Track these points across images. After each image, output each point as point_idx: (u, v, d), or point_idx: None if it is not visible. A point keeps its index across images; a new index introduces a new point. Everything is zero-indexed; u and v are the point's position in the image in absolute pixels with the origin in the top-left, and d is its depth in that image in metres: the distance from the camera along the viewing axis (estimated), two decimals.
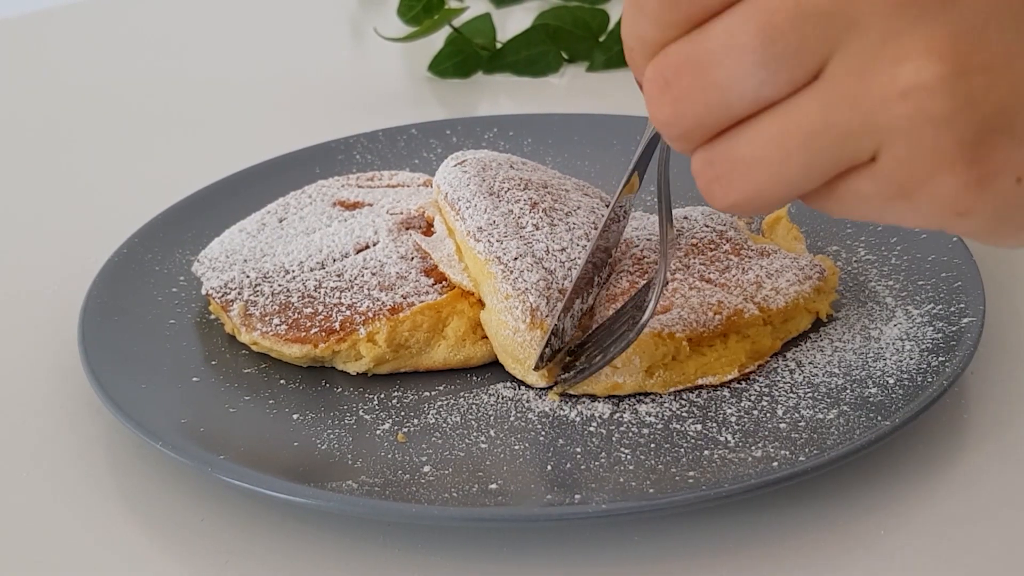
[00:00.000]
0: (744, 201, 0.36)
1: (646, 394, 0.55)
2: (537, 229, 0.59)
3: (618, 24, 1.03)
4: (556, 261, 0.57)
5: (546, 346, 0.55)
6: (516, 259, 0.57)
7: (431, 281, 0.60)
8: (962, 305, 0.58)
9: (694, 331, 0.55)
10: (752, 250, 0.61)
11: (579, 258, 0.58)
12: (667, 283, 0.56)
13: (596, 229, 0.59)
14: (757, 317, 0.57)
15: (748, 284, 0.58)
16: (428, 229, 0.64)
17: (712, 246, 0.61)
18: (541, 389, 0.56)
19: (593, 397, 0.55)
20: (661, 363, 0.55)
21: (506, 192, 0.60)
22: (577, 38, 1.03)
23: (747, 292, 0.58)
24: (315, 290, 0.60)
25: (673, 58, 0.35)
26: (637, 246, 0.61)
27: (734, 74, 0.34)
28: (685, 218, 0.64)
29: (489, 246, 0.58)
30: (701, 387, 0.55)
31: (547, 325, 0.55)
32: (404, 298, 0.59)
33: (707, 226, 0.63)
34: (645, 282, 0.56)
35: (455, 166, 0.64)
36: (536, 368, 0.55)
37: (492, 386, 0.57)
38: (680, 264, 0.59)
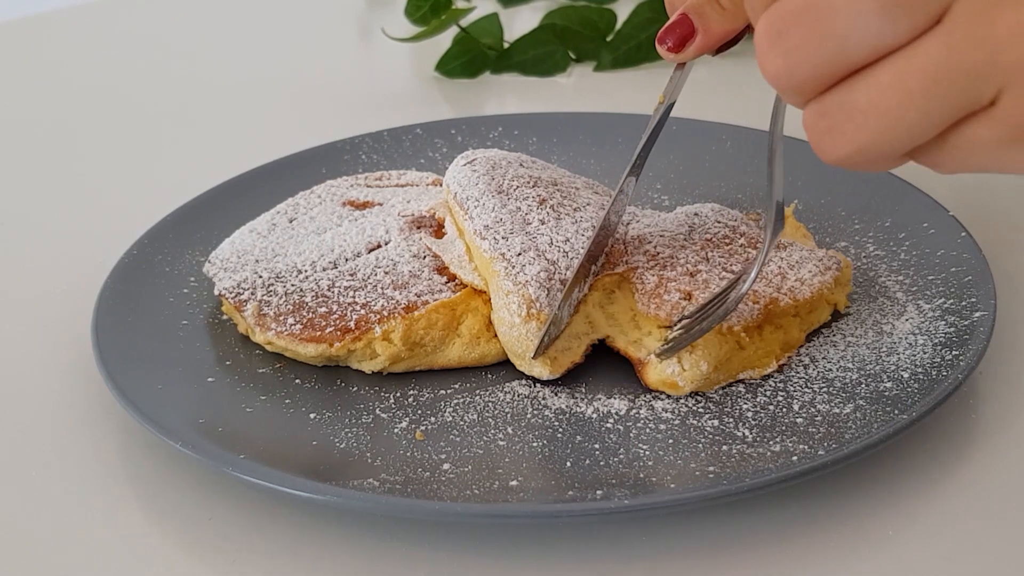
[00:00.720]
0: (856, 152, 0.36)
1: (662, 390, 0.56)
2: (543, 224, 0.59)
3: (625, 24, 1.03)
4: (559, 252, 0.57)
5: (545, 334, 0.55)
6: (520, 254, 0.57)
7: (444, 279, 0.61)
8: (973, 300, 0.58)
9: (746, 322, 0.55)
10: None
11: (583, 248, 0.58)
12: (768, 262, 0.57)
13: (602, 213, 0.59)
14: (790, 307, 0.57)
15: (773, 275, 0.58)
16: (439, 229, 0.65)
17: (727, 240, 0.61)
18: (554, 386, 0.57)
19: (609, 394, 0.56)
20: (720, 363, 0.55)
21: (515, 190, 0.60)
22: (584, 38, 1.03)
23: (774, 283, 0.58)
24: (328, 289, 0.61)
25: (788, 8, 0.35)
26: (650, 242, 0.61)
27: (853, 23, 0.34)
28: (696, 215, 0.64)
29: (495, 243, 0.58)
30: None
31: (544, 316, 0.55)
32: (418, 296, 0.59)
33: (719, 222, 0.63)
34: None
35: (465, 165, 0.64)
36: (535, 356, 0.55)
37: (508, 383, 0.57)
38: (700, 257, 0.59)
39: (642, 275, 0.58)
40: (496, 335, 0.59)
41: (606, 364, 0.58)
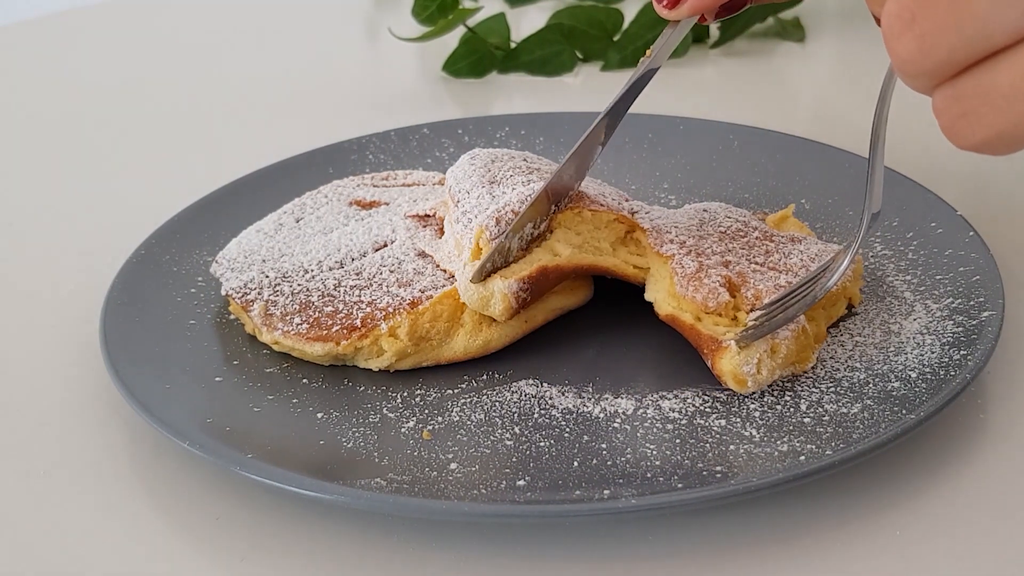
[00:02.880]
0: (996, 137, 0.35)
1: (669, 390, 0.56)
2: (513, 191, 0.59)
3: (632, 23, 1.03)
4: (516, 195, 0.57)
5: (488, 259, 0.55)
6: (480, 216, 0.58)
7: (447, 275, 0.61)
8: (981, 299, 0.58)
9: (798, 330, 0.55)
10: (782, 237, 0.61)
11: (540, 188, 0.58)
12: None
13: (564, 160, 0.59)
14: (821, 299, 0.57)
15: (797, 268, 0.58)
16: (443, 228, 0.65)
17: (742, 233, 0.61)
18: (561, 385, 0.57)
19: (616, 394, 0.56)
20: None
21: (508, 179, 0.60)
22: (591, 37, 1.03)
23: (800, 275, 0.57)
24: (335, 289, 0.61)
25: None
26: (670, 232, 0.60)
27: (996, 3, 0.33)
28: (704, 210, 0.64)
29: (467, 224, 0.58)
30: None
31: (490, 246, 0.55)
32: (422, 292, 0.59)
33: (728, 217, 0.63)
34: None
35: (467, 159, 0.64)
36: (473, 279, 0.56)
37: (515, 383, 0.57)
38: (724, 247, 0.59)
39: (681, 260, 0.58)
40: (496, 321, 0.59)
41: (612, 364, 0.58)
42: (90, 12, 1.35)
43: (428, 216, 0.65)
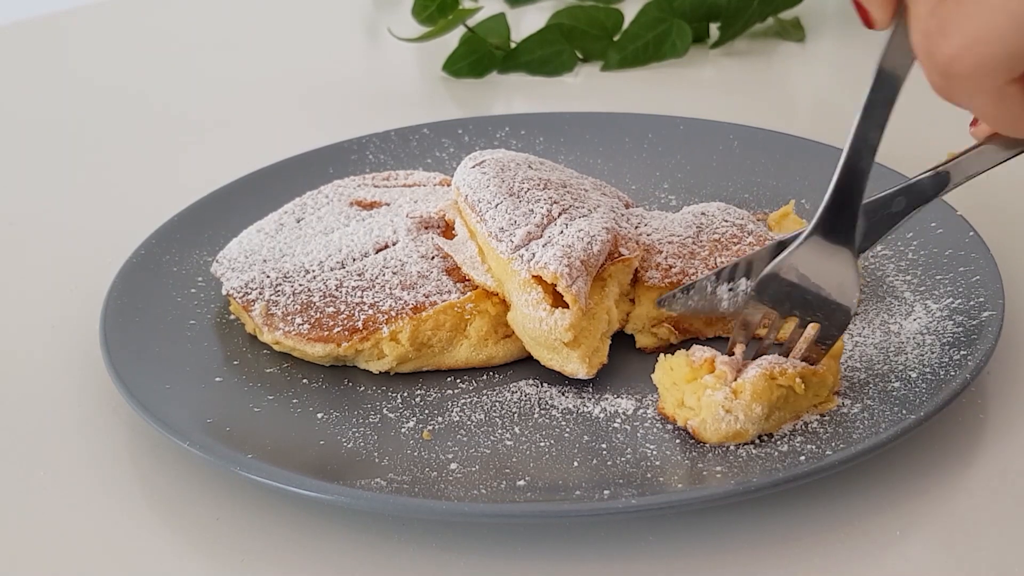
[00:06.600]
0: (964, 47, 0.38)
1: None
2: (556, 227, 0.59)
3: (632, 23, 1.03)
4: (574, 238, 0.57)
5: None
6: (537, 250, 0.57)
7: (453, 280, 0.61)
8: (981, 299, 0.58)
9: (806, 370, 0.52)
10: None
11: (598, 235, 0.57)
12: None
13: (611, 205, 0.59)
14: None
15: None
16: (447, 230, 0.65)
17: (735, 239, 0.61)
18: (561, 385, 0.57)
19: (616, 394, 0.56)
20: (777, 405, 0.51)
21: (526, 192, 0.60)
22: (591, 37, 1.03)
23: None
24: (336, 289, 0.61)
25: None
26: (661, 253, 0.60)
27: None
28: (703, 214, 0.64)
29: (511, 244, 0.58)
30: None
31: (573, 292, 0.54)
32: (426, 297, 0.59)
33: (726, 220, 0.63)
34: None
35: (473, 167, 0.63)
36: (571, 333, 0.54)
37: (515, 383, 0.57)
38: (709, 265, 0.59)
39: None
40: (504, 337, 0.59)
41: (613, 364, 0.58)
42: (90, 12, 1.35)
43: (432, 218, 0.65)
